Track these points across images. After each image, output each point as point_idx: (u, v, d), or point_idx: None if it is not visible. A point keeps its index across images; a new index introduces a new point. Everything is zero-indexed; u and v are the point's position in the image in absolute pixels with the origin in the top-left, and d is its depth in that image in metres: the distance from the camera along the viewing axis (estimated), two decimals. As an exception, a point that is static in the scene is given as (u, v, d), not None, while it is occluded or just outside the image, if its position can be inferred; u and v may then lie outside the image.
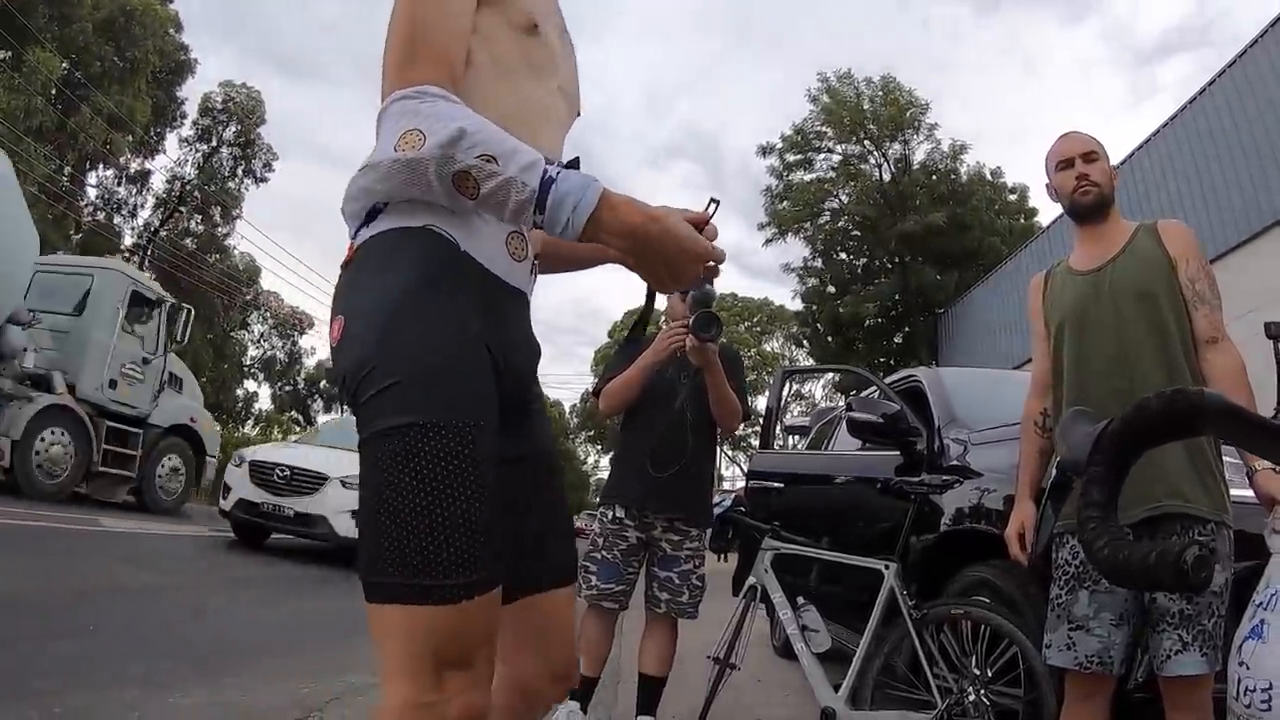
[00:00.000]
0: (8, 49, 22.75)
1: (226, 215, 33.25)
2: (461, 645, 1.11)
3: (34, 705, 2.91)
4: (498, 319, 1.27)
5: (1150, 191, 14.52)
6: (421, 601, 1.09)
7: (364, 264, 1.25)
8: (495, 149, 1.14)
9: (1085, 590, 2.26)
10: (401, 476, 1.11)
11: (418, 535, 1.10)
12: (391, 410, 1.13)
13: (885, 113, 27.17)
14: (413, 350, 1.16)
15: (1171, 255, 2.41)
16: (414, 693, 1.10)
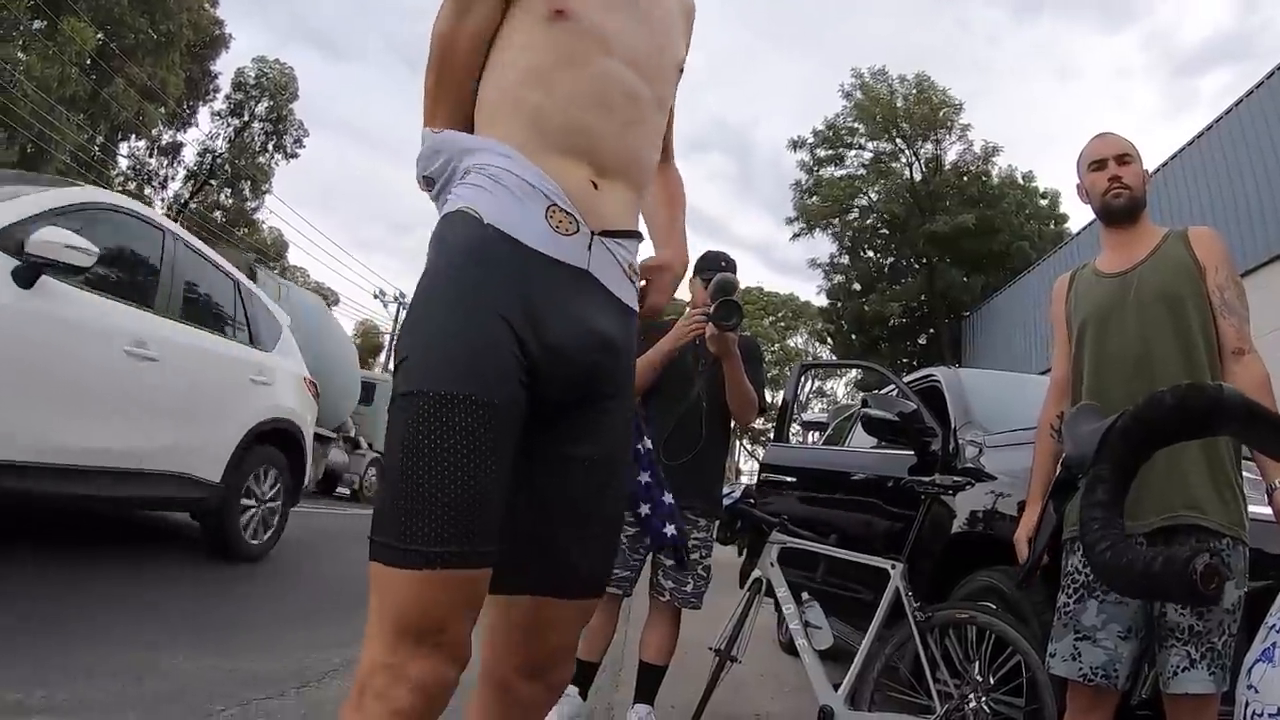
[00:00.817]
0: (43, 18, 22.95)
1: (256, 189, 33.48)
2: (425, 613, 1.12)
3: (38, 661, 2.94)
4: (533, 294, 1.25)
5: (1182, 201, 14.35)
6: (391, 563, 1.13)
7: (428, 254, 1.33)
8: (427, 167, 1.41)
9: (1094, 600, 2.21)
10: (394, 443, 1.16)
11: (398, 499, 1.13)
12: (401, 380, 1.20)
13: (918, 111, 27.02)
14: (419, 328, 1.22)
15: (1200, 261, 2.35)
16: (378, 652, 1.13)
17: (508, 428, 1.18)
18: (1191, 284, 2.34)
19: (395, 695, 1.10)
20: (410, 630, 1.12)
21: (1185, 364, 2.27)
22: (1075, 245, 18.59)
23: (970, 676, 2.84)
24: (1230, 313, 2.30)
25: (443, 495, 1.12)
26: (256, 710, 2.91)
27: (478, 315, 1.20)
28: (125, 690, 2.85)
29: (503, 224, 1.25)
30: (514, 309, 1.22)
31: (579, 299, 1.31)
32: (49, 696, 2.63)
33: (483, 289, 1.21)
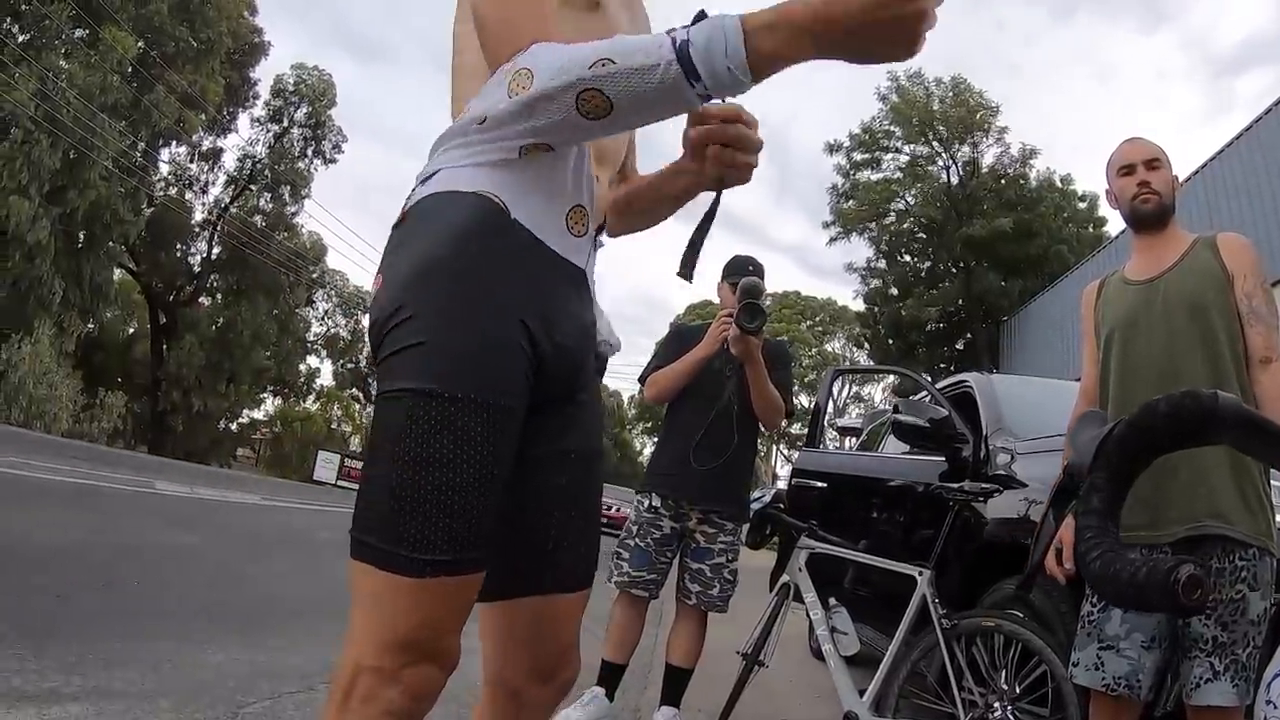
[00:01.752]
0: (84, 27, 23.37)
1: (295, 194, 33.85)
2: (420, 620, 1.09)
3: (71, 651, 3.00)
4: (546, 294, 1.23)
5: (1220, 204, 14.12)
6: (385, 567, 1.08)
7: (412, 225, 1.23)
8: (607, 52, 1.06)
9: (1118, 609, 2.19)
10: (401, 441, 1.09)
11: (399, 502, 1.08)
12: (407, 372, 1.11)
13: (954, 114, 26.78)
14: (441, 315, 1.13)
15: (1228, 269, 2.32)
16: (365, 653, 1.09)
17: (515, 432, 1.17)
18: (1219, 292, 2.31)
19: (386, 696, 1.08)
20: (406, 638, 1.09)
21: (1211, 373, 2.23)
22: (1114, 249, 18.32)
23: (996, 685, 2.82)
24: (1258, 320, 2.27)
25: (451, 502, 1.08)
26: (286, 703, 2.96)
27: (500, 317, 1.16)
28: (156, 681, 2.90)
29: (528, 223, 1.21)
30: (531, 311, 1.19)
31: (576, 296, 1.30)
32: (83, 685, 2.69)
33: (505, 290, 1.17)
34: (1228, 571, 2.11)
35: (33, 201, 21.48)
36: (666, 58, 1.03)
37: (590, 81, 1.06)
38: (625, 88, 1.06)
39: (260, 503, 10.52)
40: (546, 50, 1.12)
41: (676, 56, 1.03)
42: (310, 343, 41.38)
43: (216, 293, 34.02)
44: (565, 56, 1.09)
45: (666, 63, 1.03)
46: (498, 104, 1.15)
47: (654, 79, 1.04)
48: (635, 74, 1.05)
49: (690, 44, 1.03)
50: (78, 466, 8.13)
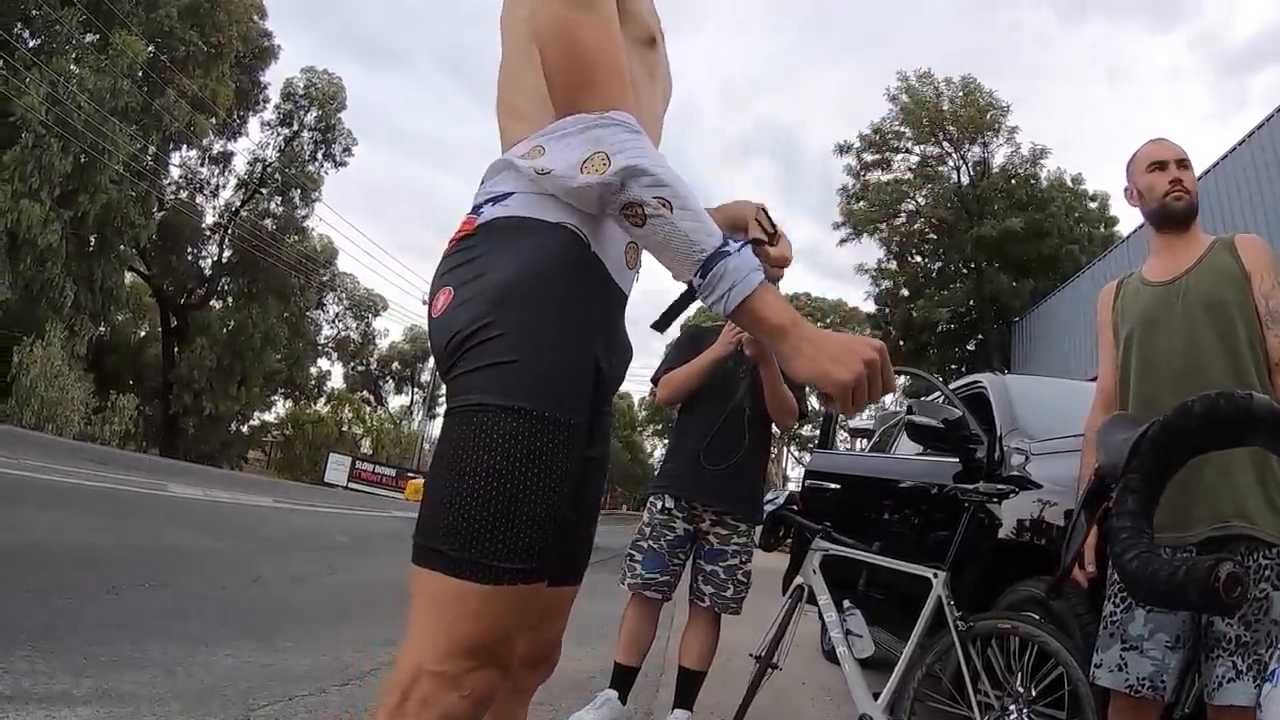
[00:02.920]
0: (95, 32, 23.49)
1: (306, 198, 34.04)
2: (491, 627, 1.12)
3: (83, 652, 3.00)
4: (612, 325, 1.31)
5: (1233, 201, 14.03)
6: (466, 576, 1.10)
7: (488, 242, 1.23)
8: (669, 193, 1.14)
9: (1142, 609, 2.17)
10: (493, 455, 1.11)
11: (486, 514, 1.11)
12: (491, 389, 1.14)
13: (965, 114, 26.70)
14: (532, 336, 1.16)
15: (1247, 269, 2.31)
16: (430, 658, 1.11)
17: (582, 449, 1.22)
18: (1238, 292, 2.29)
19: (444, 700, 1.10)
20: (474, 644, 1.12)
21: (1233, 373, 2.22)
22: (1125, 248, 18.22)
23: (1012, 688, 2.79)
24: (1276, 322, 2.25)
25: (532, 513, 1.12)
26: (297, 706, 2.95)
27: (580, 344, 1.21)
28: (167, 683, 2.90)
29: (604, 256, 1.27)
30: (600, 341, 1.26)
31: (622, 322, 1.40)
32: (93, 687, 2.69)
33: (584, 315, 1.23)
34: (1252, 570, 2.09)
35: (44, 205, 21.62)
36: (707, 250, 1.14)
37: (645, 205, 1.14)
38: (657, 231, 1.15)
39: (272, 505, 10.54)
40: (639, 152, 1.16)
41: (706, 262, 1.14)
42: (321, 345, 41.57)
43: (227, 296, 34.18)
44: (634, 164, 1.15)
45: (702, 251, 1.14)
46: (569, 172, 1.18)
47: (681, 249, 1.14)
48: (677, 237, 1.14)
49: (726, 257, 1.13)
50: (91, 469, 8.16)
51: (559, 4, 1.23)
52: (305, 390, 39.96)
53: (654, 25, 1.43)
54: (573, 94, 1.21)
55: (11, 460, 9.15)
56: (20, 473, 8.36)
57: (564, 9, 1.23)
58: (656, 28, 1.45)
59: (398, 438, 42.60)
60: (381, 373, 47.45)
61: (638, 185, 1.14)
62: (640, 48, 1.39)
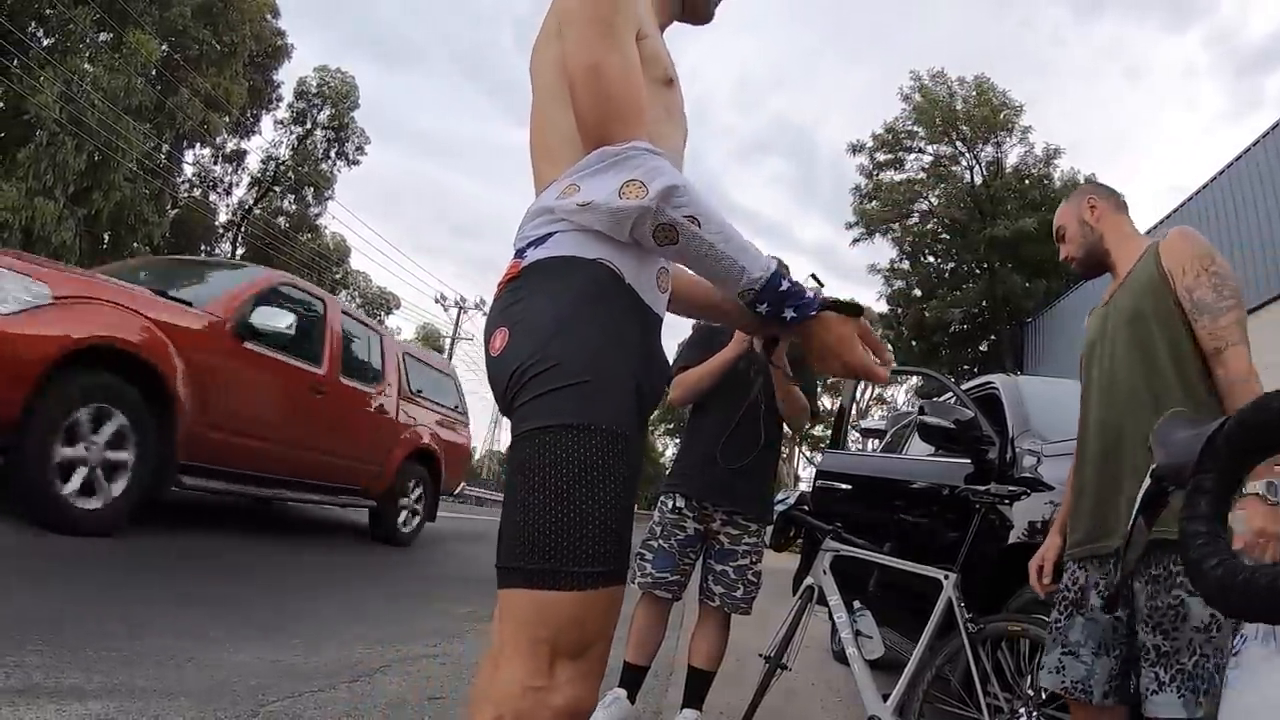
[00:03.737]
0: (109, 31, 23.58)
1: (318, 196, 34.12)
2: (580, 634, 1.18)
3: (94, 647, 3.01)
4: (649, 345, 1.39)
5: (1245, 203, 13.96)
6: (552, 586, 1.17)
7: (534, 281, 1.34)
8: (697, 210, 1.28)
9: (1080, 617, 2.25)
10: (559, 470, 1.19)
11: (560, 525, 1.18)
12: (561, 410, 1.22)
13: (978, 114, 26.63)
14: (589, 358, 1.25)
15: (1167, 270, 2.30)
16: (528, 675, 1.17)
17: (636, 460, 1.30)
18: (1156, 298, 2.29)
19: (546, 713, 1.16)
20: (570, 650, 1.18)
21: (1147, 384, 2.24)
22: (1141, 251, 18.14)
23: (1021, 690, 2.78)
24: (1201, 312, 2.22)
25: (611, 520, 1.20)
26: (307, 702, 2.95)
27: (626, 366, 1.30)
28: (177, 679, 2.90)
29: (635, 284, 1.36)
30: (639, 358, 1.34)
31: (659, 345, 1.48)
32: (104, 682, 2.69)
33: (627, 344, 1.31)
34: (1163, 578, 2.06)
35: (58, 203, 21.69)
36: (757, 275, 1.33)
37: (679, 225, 1.29)
38: (696, 248, 1.31)
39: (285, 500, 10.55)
40: (658, 169, 1.28)
41: (769, 278, 1.34)
42: (333, 343, 41.60)
43: (241, 293, 34.21)
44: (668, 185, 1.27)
45: (756, 278, 1.33)
46: (610, 200, 1.28)
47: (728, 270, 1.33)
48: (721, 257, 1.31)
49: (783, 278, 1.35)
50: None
51: (590, 45, 1.35)
52: (318, 388, 40.04)
53: (671, 68, 1.52)
54: (601, 129, 1.32)
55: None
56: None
57: (594, 50, 1.34)
58: (673, 70, 1.54)
59: (410, 436, 42.59)
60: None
61: (670, 206, 1.27)
62: (660, 88, 1.48)
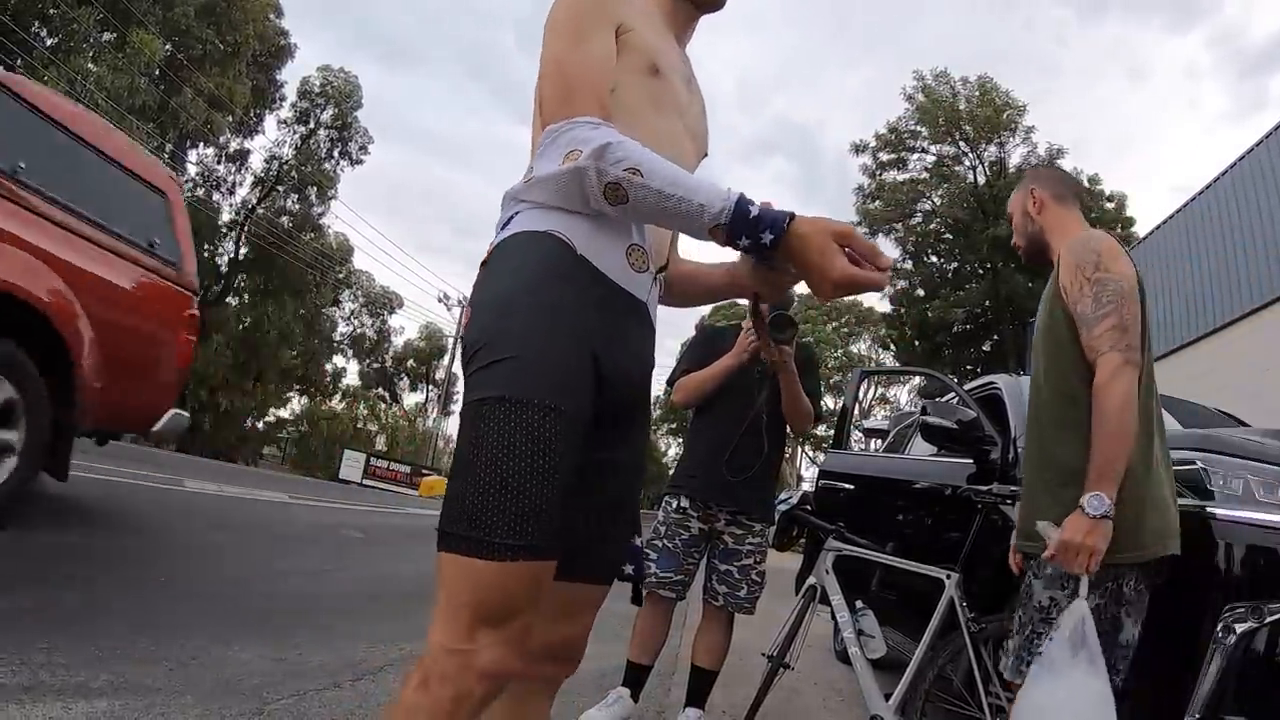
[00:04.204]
0: (112, 30, 23.62)
1: (322, 195, 34.17)
2: (501, 603, 1.21)
3: (99, 645, 3.01)
4: (609, 320, 1.38)
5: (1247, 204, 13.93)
6: (473, 554, 1.20)
7: (494, 263, 1.41)
8: (635, 162, 1.28)
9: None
10: (486, 442, 1.23)
11: (484, 494, 1.21)
12: (494, 383, 1.26)
13: (981, 114, 26.65)
14: (518, 335, 1.28)
15: (1062, 285, 2.36)
16: (449, 638, 1.21)
17: (579, 438, 1.29)
18: (1052, 312, 2.39)
19: (463, 680, 1.19)
20: (489, 617, 1.21)
21: (1040, 395, 2.40)
22: (1143, 249, 18.13)
23: (1024, 689, 2.78)
24: (1081, 325, 2.28)
25: (533, 494, 1.21)
26: (312, 701, 2.96)
27: (570, 336, 1.31)
28: (182, 677, 2.91)
29: (592, 257, 1.37)
30: (597, 335, 1.34)
31: (639, 329, 1.46)
32: (109, 680, 2.70)
33: (573, 313, 1.32)
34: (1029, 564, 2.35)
35: (62, 202, 21.73)
36: (723, 202, 1.27)
37: (621, 180, 1.28)
38: (644, 200, 1.29)
39: (287, 501, 10.59)
40: (595, 135, 1.31)
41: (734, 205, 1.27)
42: (336, 342, 41.74)
43: (243, 292, 34.34)
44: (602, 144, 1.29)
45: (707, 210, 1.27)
46: (547, 170, 1.35)
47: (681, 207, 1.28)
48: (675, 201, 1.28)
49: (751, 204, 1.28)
50: (107, 464, 8.19)
51: (554, 44, 1.44)
52: (320, 387, 40.12)
53: (657, 57, 1.53)
54: (553, 109, 1.39)
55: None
56: (38, 467, 8.38)
57: (557, 49, 1.43)
58: (666, 62, 1.56)
59: (412, 435, 42.61)
60: (396, 370, 47.61)
61: (608, 164, 1.28)
62: (643, 78, 1.50)
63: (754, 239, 1.28)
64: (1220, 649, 2.36)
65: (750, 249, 1.30)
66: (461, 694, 1.19)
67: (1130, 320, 2.21)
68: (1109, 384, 2.15)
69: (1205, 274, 14.98)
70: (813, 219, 1.29)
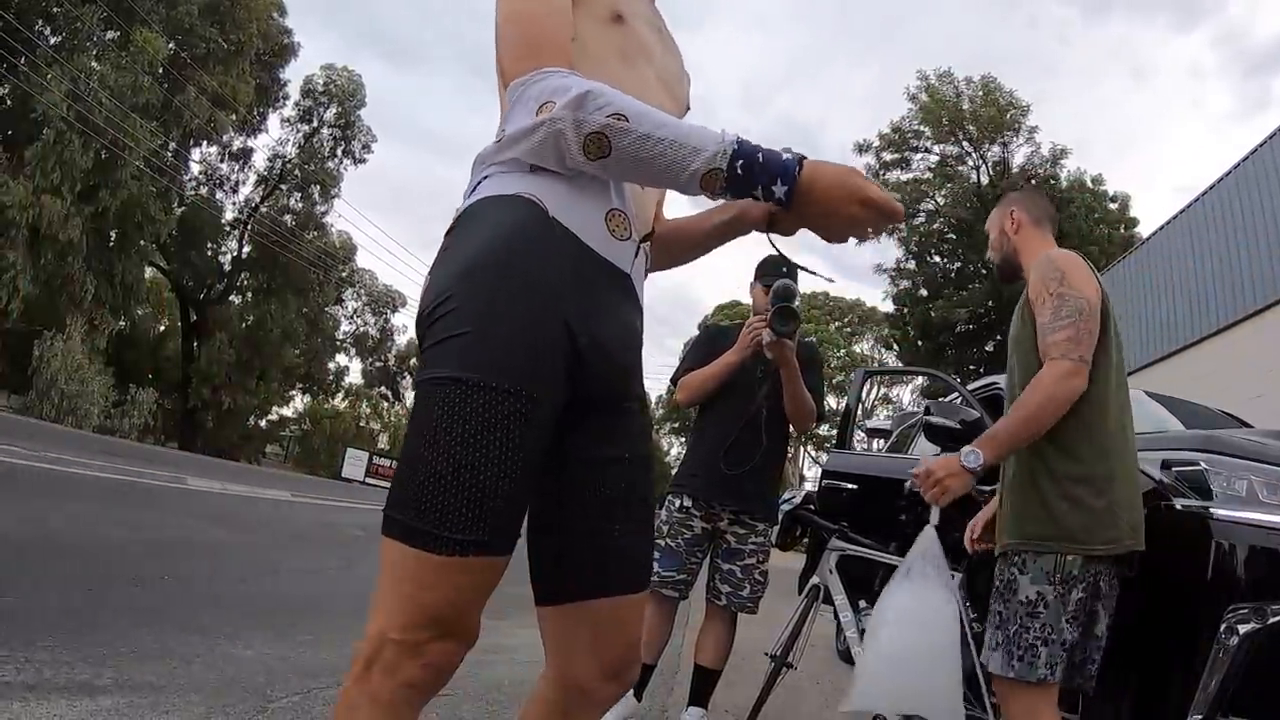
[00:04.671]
0: (116, 29, 23.65)
1: (325, 194, 34.20)
2: (446, 598, 1.14)
3: (104, 643, 3.02)
4: (586, 290, 1.27)
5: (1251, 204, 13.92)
6: (421, 546, 1.12)
7: (458, 229, 1.30)
8: (620, 108, 1.18)
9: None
10: (436, 427, 1.14)
11: (437, 485, 1.12)
12: (446, 361, 1.16)
13: (985, 114, 26.62)
14: (484, 307, 1.18)
15: (1029, 296, 2.45)
16: (392, 627, 1.13)
17: (548, 423, 1.21)
18: (1022, 321, 2.48)
19: (406, 668, 1.13)
20: (433, 615, 1.14)
21: (1014, 396, 2.42)
22: (1146, 250, 18.06)
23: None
24: (1040, 332, 2.36)
25: (486, 486, 1.13)
26: (315, 699, 2.97)
27: (536, 308, 1.20)
28: (186, 675, 2.92)
29: (566, 221, 1.26)
30: (569, 304, 1.23)
31: (622, 303, 1.35)
32: (114, 678, 2.71)
33: (542, 281, 1.22)
34: (1007, 555, 2.37)
35: (65, 200, 21.79)
36: (717, 145, 1.17)
37: (605, 129, 1.18)
38: (636, 148, 1.18)
39: (290, 499, 10.59)
40: (578, 84, 1.21)
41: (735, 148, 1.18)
42: (339, 341, 41.70)
43: (247, 291, 34.37)
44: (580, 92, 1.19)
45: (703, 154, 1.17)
46: (520, 126, 1.25)
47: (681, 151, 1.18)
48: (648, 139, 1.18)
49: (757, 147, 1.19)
50: (110, 462, 8.22)
51: (505, 4, 1.35)
52: (323, 385, 40.13)
53: (621, 5, 1.45)
54: (515, 64, 1.29)
55: (32, 453, 9.23)
56: (40, 465, 8.43)
57: (509, 6, 1.35)
58: (630, 10, 1.47)
59: (414, 434, 42.58)
60: (399, 369, 47.50)
61: (588, 113, 1.18)
62: (606, 27, 1.42)
63: (768, 190, 1.19)
64: (1223, 650, 2.36)
65: (765, 198, 1.21)
66: (407, 682, 1.13)
67: (1085, 335, 2.29)
68: (1046, 380, 2.26)
69: (1208, 274, 14.94)
70: (824, 163, 1.23)
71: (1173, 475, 2.66)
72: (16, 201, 20.75)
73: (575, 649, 1.36)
